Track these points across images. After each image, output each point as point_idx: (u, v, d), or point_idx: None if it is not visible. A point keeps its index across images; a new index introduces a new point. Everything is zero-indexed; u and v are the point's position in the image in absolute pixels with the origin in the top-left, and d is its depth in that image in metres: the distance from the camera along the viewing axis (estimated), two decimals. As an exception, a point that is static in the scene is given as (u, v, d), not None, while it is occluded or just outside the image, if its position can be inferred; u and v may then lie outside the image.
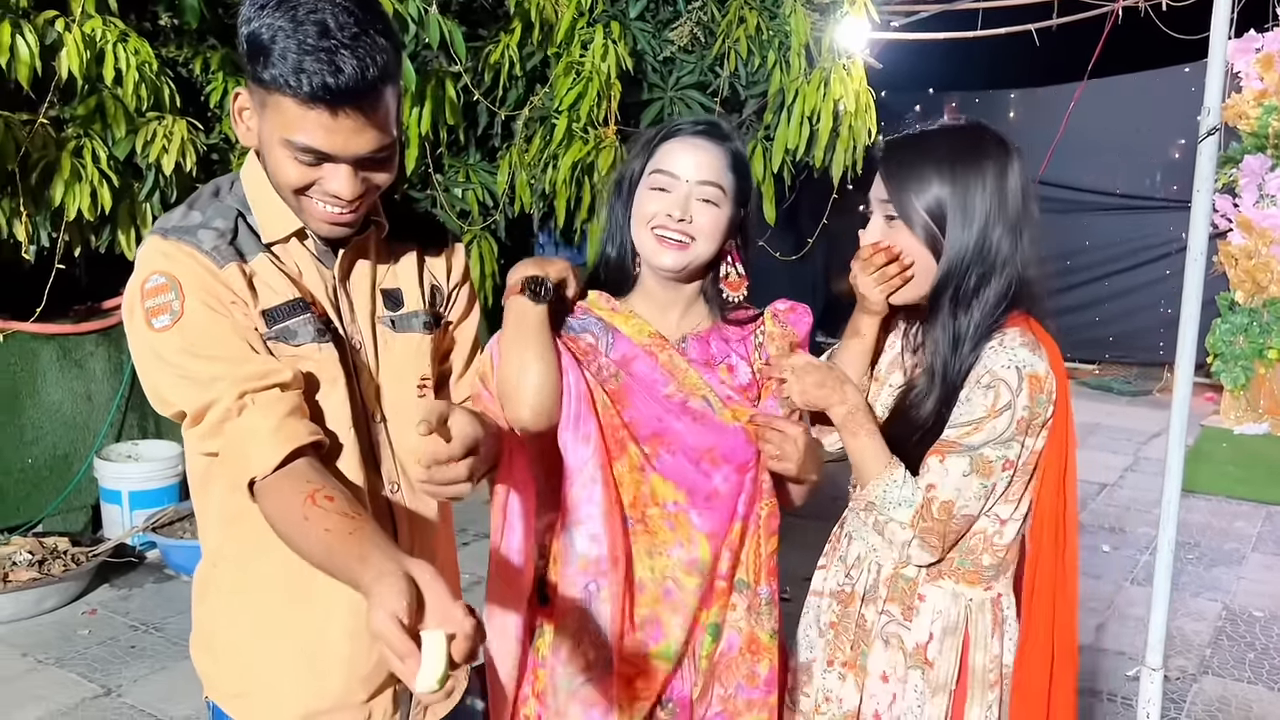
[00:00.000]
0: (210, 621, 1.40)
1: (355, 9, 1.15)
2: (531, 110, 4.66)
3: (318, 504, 1.09)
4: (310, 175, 1.19)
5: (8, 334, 3.86)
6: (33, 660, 3.25)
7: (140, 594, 3.77)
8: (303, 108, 1.14)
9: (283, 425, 1.15)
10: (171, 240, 1.21)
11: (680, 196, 1.49)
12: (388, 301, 1.35)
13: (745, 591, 1.54)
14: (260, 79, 1.14)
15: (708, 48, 4.91)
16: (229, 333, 1.19)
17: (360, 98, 1.14)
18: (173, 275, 1.19)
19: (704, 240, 1.51)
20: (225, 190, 1.30)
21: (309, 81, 1.11)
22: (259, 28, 1.13)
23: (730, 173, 1.53)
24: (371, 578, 0.97)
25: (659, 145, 1.54)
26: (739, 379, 1.57)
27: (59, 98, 3.52)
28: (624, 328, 1.55)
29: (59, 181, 3.46)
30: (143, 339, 1.20)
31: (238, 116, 1.24)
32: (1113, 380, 7.71)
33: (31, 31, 3.26)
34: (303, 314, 1.25)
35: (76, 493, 4.11)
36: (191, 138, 3.68)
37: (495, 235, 4.99)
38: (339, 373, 1.27)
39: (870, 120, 5.09)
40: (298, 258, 1.29)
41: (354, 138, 1.17)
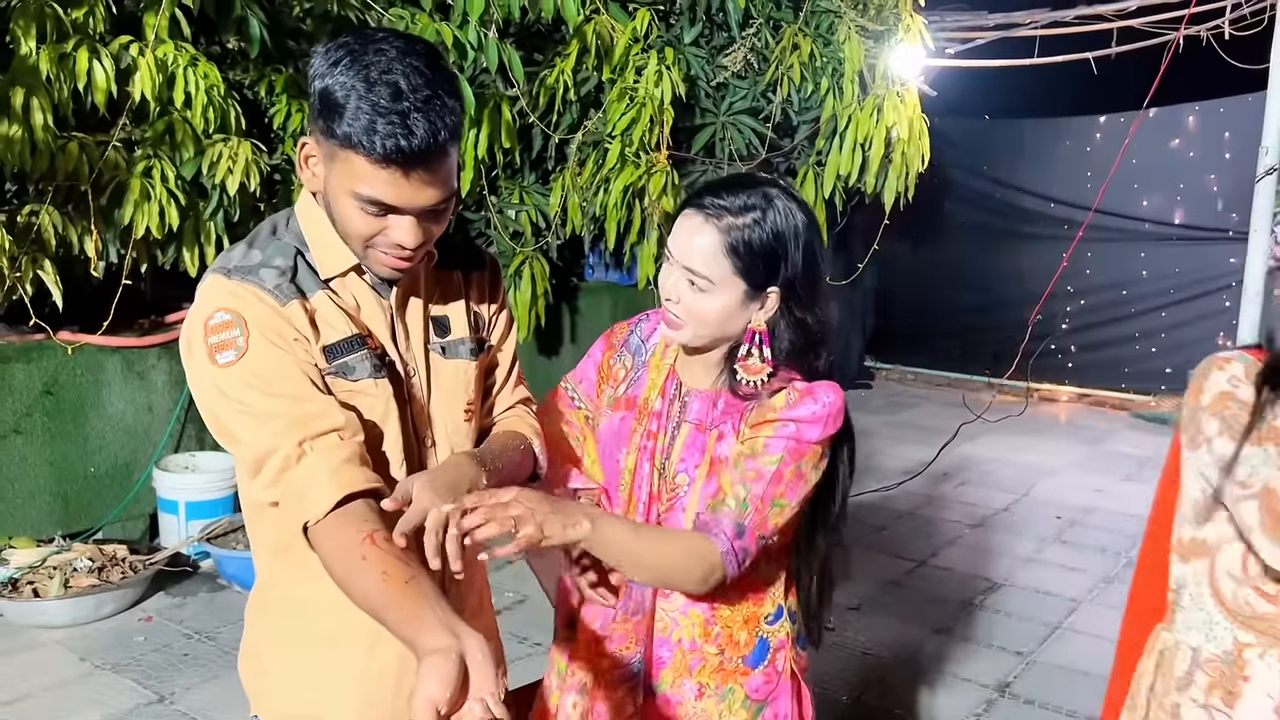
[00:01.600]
0: (261, 641, 1.44)
1: (426, 70, 1.19)
2: (585, 134, 4.72)
3: (376, 544, 1.12)
4: (376, 225, 1.24)
5: (76, 346, 3.98)
6: (90, 665, 3.34)
7: (194, 603, 3.85)
8: (374, 166, 1.18)
9: (340, 470, 1.18)
10: (235, 280, 1.25)
11: (673, 277, 1.46)
12: (437, 328, 1.40)
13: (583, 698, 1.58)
14: (332, 134, 1.18)
15: (761, 74, 4.94)
16: (292, 369, 1.22)
17: (429, 159, 1.19)
18: (238, 312, 1.22)
19: (694, 324, 1.45)
20: (282, 228, 1.34)
21: (382, 144, 1.16)
22: (332, 85, 1.18)
23: (728, 257, 1.41)
24: (425, 648, 1.00)
25: (682, 210, 1.48)
26: (722, 450, 1.49)
27: (131, 120, 3.65)
28: (650, 374, 1.60)
29: (129, 200, 3.58)
30: (205, 374, 1.23)
31: (303, 163, 1.28)
32: (1169, 413, 7.56)
33: (108, 56, 3.38)
34: (360, 350, 1.29)
35: (135, 502, 4.22)
36: (255, 159, 3.78)
37: (547, 256, 5.06)
38: (393, 407, 1.31)
39: (924, 147, 5.09)
40: (355, 291, 1.33)
41: (420, 193, 1.21)
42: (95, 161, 3.53)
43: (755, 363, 1.47)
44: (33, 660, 3.36)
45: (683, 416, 1.55)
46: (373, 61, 1.17)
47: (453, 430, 1.40)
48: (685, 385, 1.57)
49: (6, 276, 3.38)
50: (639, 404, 1.58)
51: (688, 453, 1.52)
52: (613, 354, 1.66)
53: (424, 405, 1.37)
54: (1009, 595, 4.20)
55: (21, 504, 3.91)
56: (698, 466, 1.50)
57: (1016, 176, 8.28)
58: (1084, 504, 5.44)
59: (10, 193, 3.92)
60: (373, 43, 1.20)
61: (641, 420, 1.56)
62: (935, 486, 5.63)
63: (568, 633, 1.62)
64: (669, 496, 1.52)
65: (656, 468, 1.54)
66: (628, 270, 6.41)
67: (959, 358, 8.54)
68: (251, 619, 1.45)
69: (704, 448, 1.51)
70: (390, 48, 1.19)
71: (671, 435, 1.54)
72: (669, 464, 1.53)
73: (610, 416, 1.61)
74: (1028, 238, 8.26)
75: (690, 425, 1.53)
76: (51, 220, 3.55)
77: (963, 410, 6.94)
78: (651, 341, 1.63)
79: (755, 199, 1.43)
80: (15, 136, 3.24)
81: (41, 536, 3.91)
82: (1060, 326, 7.96)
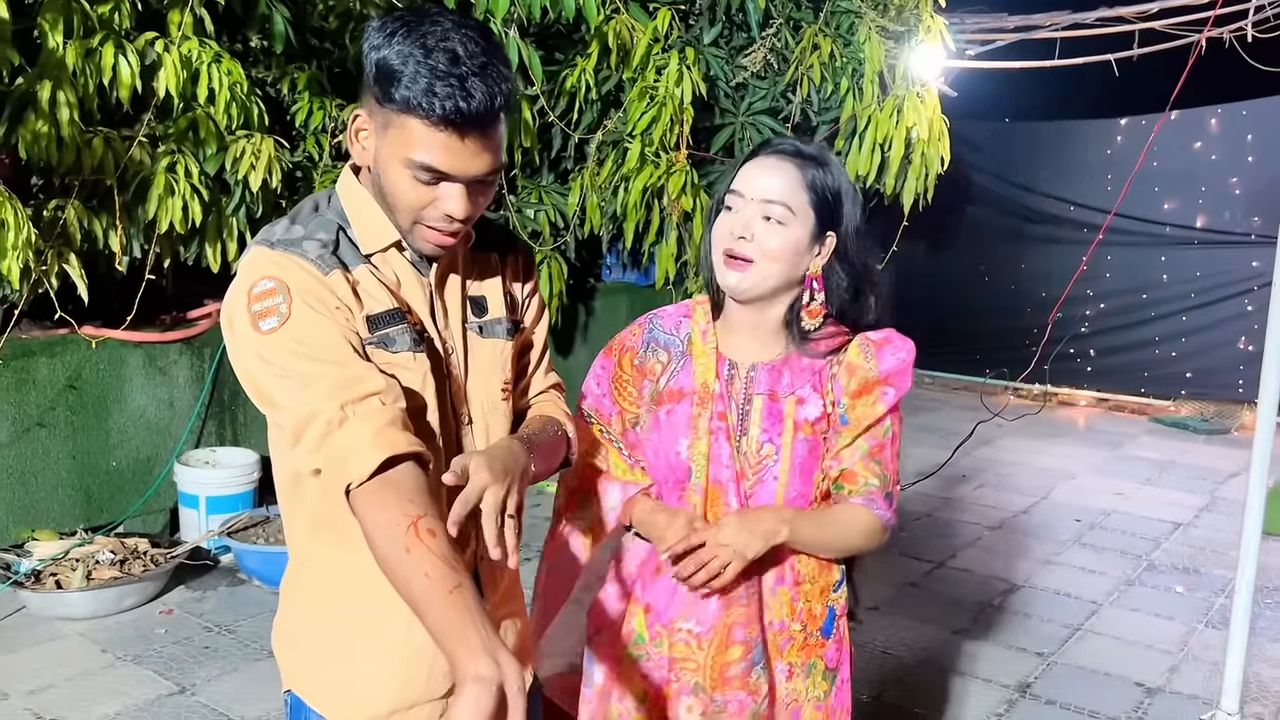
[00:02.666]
0: (296, 616, 1.44)
1: (481, 39, 1.22)
2: (605, 134, 4.73)
3: (420, 537, 1.11)
4: (427, 195, 1.25)
5: (99, 341, 4.01)
6: (112, 656, 3.36)
7: (214, 596, 3.87)
8: (431, 129, 1.20)
9: (383, 432, 1.18)
10: (278, 250, 1.27)
11: (745, 215, 1.50)
12: (474, 308, 1.41)
13: (701, 696, 1.57)
14: (390, 100, 1.20)
15: (781, 74, 4.95)
16: (334, 334, 1.23)
17: (485, 123, 1.21)
18: (281, 280, 1.24)
19: (766, 260, 1.50)
20: (324, 205, 1.35)
21: (441, 105, 1.18)
22: (389, 54, 1.20)
23: (806, 191, 1.50)
24: (466, 673, 1.00)
25: (741, 166, 1.55)
26: (807, 412, 1.56)
27: (156, 115, 3.68)
28: (696, 361, 1.60)
29: (153, 196, 3.61)
30: (247, 341, 1.24)
31: (354, 137, 1.29)
32: (1189, 418, 7.51)
33: (133, 52, 3.41)
34: (401, 323, 1.30)
35: (157, 496, 4.24)
36: (277, 155, 3.81)
37: (565, 255, 5.07)
38: (430, 381, 1.31)
39: (943, 148, 5.07)
40: (396, 267, 1.34)
41: (473, 160, 1.23)
42: (120, 157, 3.56)
43: (815, 306, 1.55)
44: (55, 651, 3.38)
45: (751, 390, 1.57)
46: (429, 31, 1.20)
47: (490, 409, 1.41)
48: (739, 363, 1.59)
49: (33, 271, 3.41)
50: (695, 390, 1.58)
51: (768, 423, 1.56)
52: (632, 355, 1.66)
53: (461, 383, 1.38)
54: (1029, 597, 4.18)
55: (44, 497, 3.94)
56: (781, 435, 1.55)
57: (1036, 179, 8.25)
58: (1103, 507, 5.40)
59: (37, 188, 3.96)
60: (427, 16, 1.23)
61: (705, 404, 1.57)
62: (953, 489, 5.61)
63: (644, 646, 1.61)
64: (755, 470, 1.56)
65: (734, 445, 1.56)
66: (645, 271, 6.41)
67: (977, 361, 8.49)
68: (286, 597, 1.45)
69: (782, 415, 1.56)
70: (445, 19, 1.22)
71: (742, 411, 1.57)
72: (747, 439, 1.56)
73: (656, 411, 1.61)
74: (1047, 241, 8.22)
75: (763, 397, 1.57)
76: (77, 215, 3.59)
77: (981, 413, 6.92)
78: (683, 332, 1.64)
79: (820, 151, 1.54)
80: (42, 131, 3.27)
81: (64, 529, 3.93)
82: (1080, 330, 7.91)
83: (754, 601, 1.57)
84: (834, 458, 1.58)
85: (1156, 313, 7.79)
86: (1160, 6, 6.00)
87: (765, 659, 1.58)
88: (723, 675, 1.55)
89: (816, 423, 1.56)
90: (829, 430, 1.57)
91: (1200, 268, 7.58)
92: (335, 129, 4.19)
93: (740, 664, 1.55)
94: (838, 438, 1.57)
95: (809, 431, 1.56)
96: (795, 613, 1.60)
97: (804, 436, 1.55)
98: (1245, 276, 7.35)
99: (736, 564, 1.48)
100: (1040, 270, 8.22)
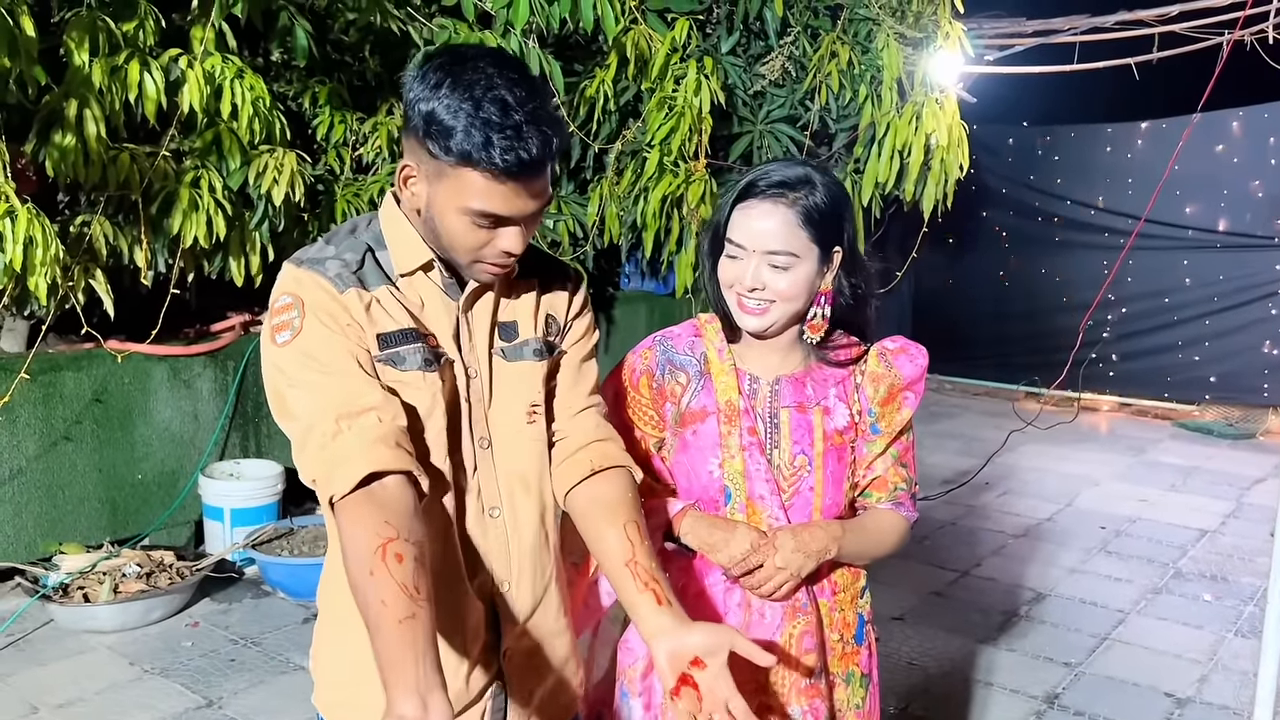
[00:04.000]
0: (320, 626, 1.46)
1: (524, 82, 1.23)
2: (624, 144, 4.73)
3: (386, 561, 1.12)
4: (485, 237, 1.28)
5: (124, 355, 4.04)
6: (139, 669, 3.38)
7: (240, 608, 3.89)
8: (491, 181, 1.22)
9: (372, 447, 1.20)
10: (302, 268, 1.31)
11: (750, 265, 1.50)
12: (503, 334, 1.41)
13: (769, 717, 1.55)
14: (445, 153, 1.21)
15: (799, 82, 4.94)
16: (340, 350, 1.26)
17: (542, 169, 1.23)
18: (297, 295, 1.28)
19: (783, 302, 1.52)
20: (362, 228, 1.38)
21: (502, 158, 1.19)
22: (438, 107, 1.21)
23: (805, 229, 1.49)
24: (389, 710, 1.05)
25: (733, 210, 1.53)
26: (835, 422, 1.58)
27: (180, 131, 3.70)
28: (716, 380, 1.59)
29: (177, 210, 3.63)
30: (266, 353, 1.30)
31: (402, 184, 1.31)
32: (1213, 423, 7.44)
33: (158, 69, 3.43)
34: (414, 343, 1.31)
35: (182, 508, 4.27)
36: (300, 169, 3.83)
37: (584, 265, 5.07)
38: (439, 402, 1.32)
39: (963, 154, 5.05)
40: (423, 290, 1.36)
41: (530, 202, 1.26)
42: (145, 172, 3.58)
43: (817, 321, 1.57)
44: (83, 664, 3.40)
45: (777, 404, 1.58)
46: (475, 80, 1.21)
47: (514, 434, 1.40)
48: (761, 377, 1.60)
49: (60, 286, 3.44)
50: (720, 408, 1.57)
51: (798, 435, 1.57)
52: (649, 377, 1.64)
53: (484, 407, 1.38)
54: (1055, 606, 4.15)
55: (71, 510, 3.97)
56: (813, 445, 1.57)
57: (1056, 184, 8.21)
58: (1129, 514, 5.36)
59: (63, 204, 4.00)
60: (467, 61, 1.23)
61: (734, 422, 1.57)
62: (977, 496, 5.57)
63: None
64: (791, 482, 1.57)
65: (768, 459, 1.57)
66: (664, 280, 6.42)
67: (998, 366, 8.46)
68: (319, 612, 1.46)
69: (811, 426, 1.57)
70: (485, 63, 1.23)
71: (770, 425, 1.58)
72: (778, 452, 1.57)
73: (681, 433, 1.60)
74: (1068, 245, 8.17)
75: (790, 409, 1.58)
76: (103, 230, 3.61)
77: (1002, 419, 6.88)
78: (698, 351, 1.63)
79: (804, 172, 1.52)
80: (69, 147, 3.29)
81: (90, 542, 3.96)
82: (1102, 335, 7.86)
83: (814, 609, 1.58)
84: (868, 467, 1.62)
85: (1179, 317, 7.73)
86: (1180, 9, 5.95)
87: (825, 667, 1.60)
88: (795, 688, 1.56)
89: (845, 432, 1.59)
90: (857, 439, 1.60)
91: (1223, 271, 7.52)
92: (356, 142, 4.21)
93: (814, 672, 1.57)
94: (869, 445, 1.61)
95: (838, 441, 1.58)
96: (833, 623, 1.62)
97: (834, 446, 1.58)
98: (1269, 280, 7.29)
99: (791, 584, 1.52)
100: (1061, 275, 8.18)
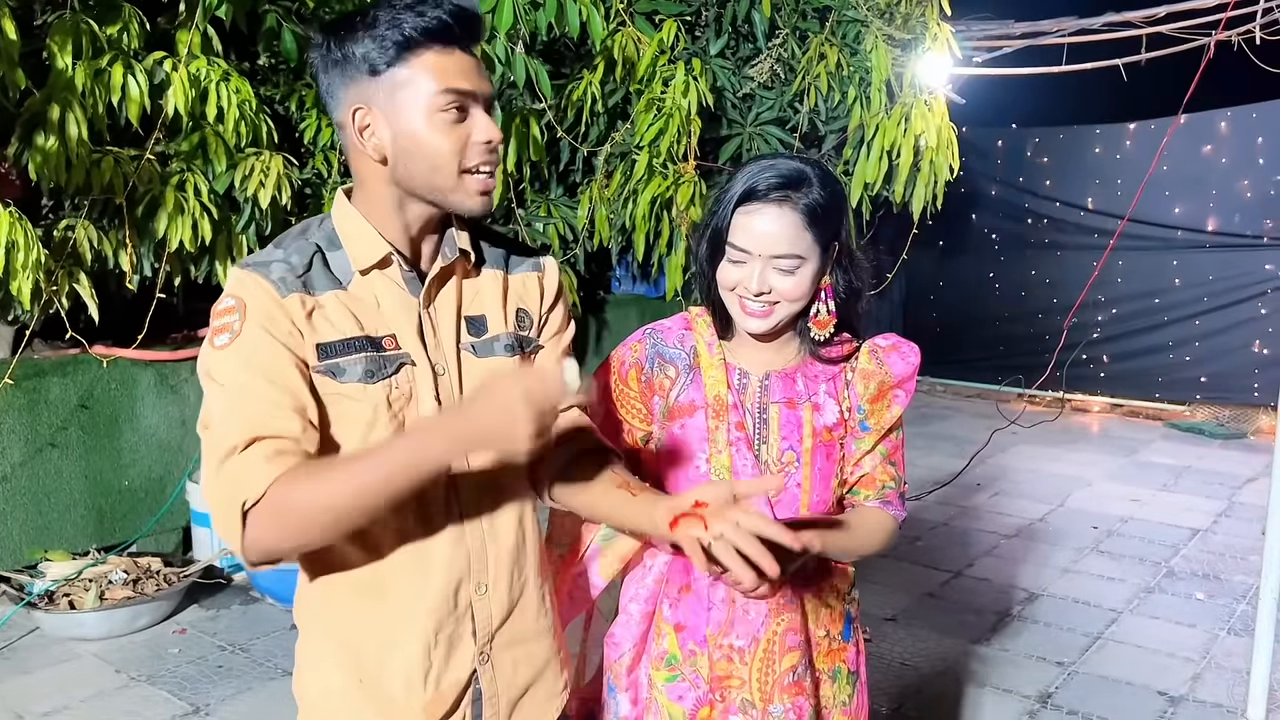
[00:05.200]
0: (303, 656, 1.42)
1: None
2: (613, 146, 4.72)
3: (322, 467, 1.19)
4: (462, 133, 1.27)
5: (110, 360, 4.01)
6: (126, 677, 3.35)
7: (228, 615, 3.86)
8: (443, 55, 1.25)
9: (278, 459, 1.18)
10: (246, 270, 1.27)
11: (756, 270, 1.48)
12: (471, 328, 1.37)
13: (751, 712, 1.54)
14: (393, 51, 1.24)
15: (787, 84, 4.94)
16: (276, 360, 1.22)
17: (478, 30, 1.28)
18: (241, 299, 1.24)
19: (787, 303, 1.51)
20: (314, 229, 1.34)
21: (435, 17, 1.23)
22: (363, 33, 1.25)
23: (809, 230, 1.47)
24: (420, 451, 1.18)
25: (734, 213, 1.49)
26: (824, 418, 1.57)
27: (165, 134, 3.68)
28: (705, 374, 1.58)
29: (163, 214, 3.61)
30: (203, 358, 1.25)
31: (359, 135, 1.28)
32: (1204, 423, 7.45)
33: (142, 72, 3.42)
34: (359, 352, 1.27)
35: (169, 515, 4.24)
36: (287, 172, 3.81)
37: (574, 268, 5.06)
38: (382, 414, 1.28)
39: (952, 156, 5.05)
40: (379, 289, 1.31)
41: (481, 79, 1.29)
42: (130, 176, 3.57)
43: (823, 317, 1.55)
44: (70, 672, 3.37)
45: (766, 399, 1.56)
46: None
47: None
48: (751, 371, 1.58)
49: (44, 290, 3.41)
50: (708, 403, 1.56)
51: (786, 430, 1.55)
52: (638, 370, 1.62)
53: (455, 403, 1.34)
54: (1048, 606, 4.14)
55: (57, 517, 3.94)
56: (801, 441, 1.55)
57: (1045, 185, 8.22)
58: (1121, 514, 5.36)
59: (47, 207, 3.97)
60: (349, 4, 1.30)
61: (721, 416, 1.55)
62: (969, 497, 5.57)
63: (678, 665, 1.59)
64: (779, 478, 1.55)
65: (755, 454, 1.55)
66: (655, 282, 6.41)
67: (989, 368, 8.46)
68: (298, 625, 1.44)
69: (800, 422, 1.55)
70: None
71: (759, 420, 1.56)
72: (767, 447, 1.55)
73: (669, 427, 1.59)
74: (1057, 247, 8.19)
75: (779, 405, 1.56)
76: (87, 234, 3.59)
77: (994, 421, 6.88)
78: (688, 345, 1.61)
79: (800, 169, 1.50)
80: (52, 150, 3.27)
81: (77, 549, 3.93)
82: (1092, 336, 7.87)
83: (799, 605, 1.57)
84: (855, 464, 1.60)
85: (1169, 317, 7.74)
86: (1167, 10, 5.97)
87: (810, 663, 1.58)
88: (778, 685, 1.54)
89: (834, 429, 1.57)
90: (846, 436, 1.59)
91: (1212, 271, 7.53)
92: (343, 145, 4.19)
93: (796, 670, 1.55)
94: (858, 443, 1.59)
95: (827, 437, 1.56)
96: (820, 619, 1.60)
97: (822, 442, 1.56)
98: (1258, 280, 7.31)
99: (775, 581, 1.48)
100: (1051, 276, 8.19)
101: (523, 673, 1.43)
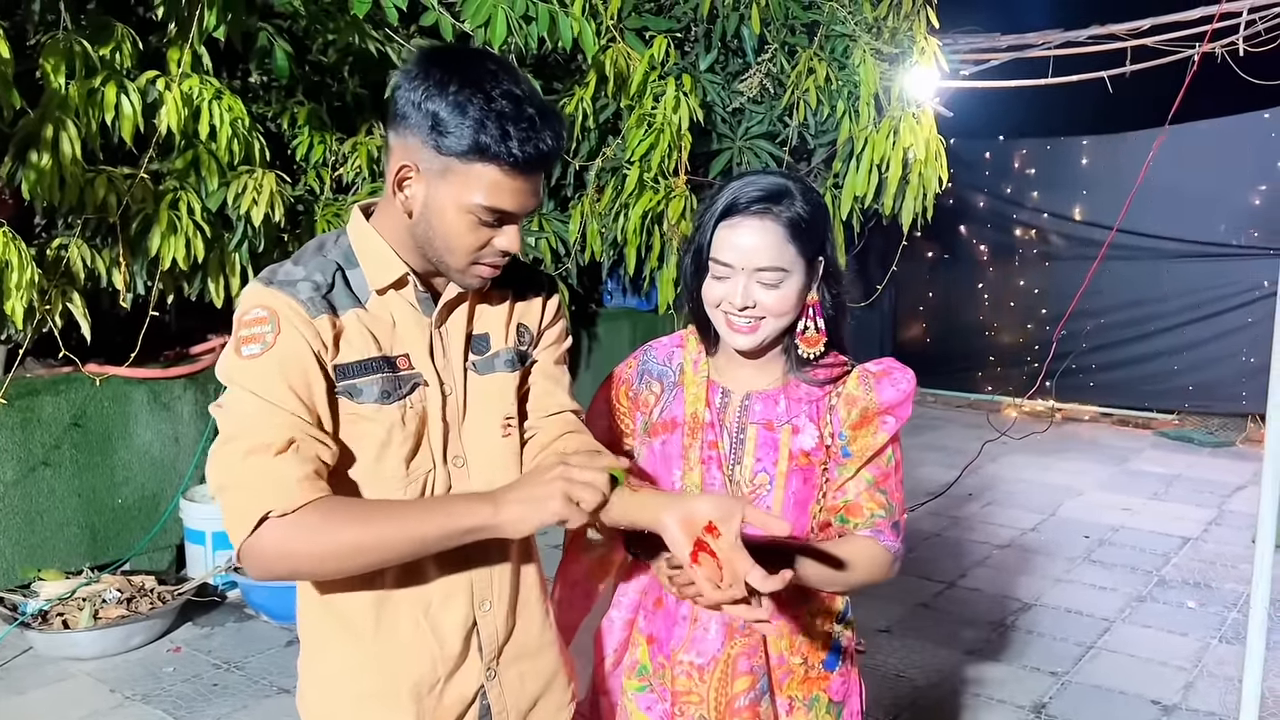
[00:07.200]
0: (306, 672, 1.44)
1: (526, 79, 1.24)
2: (604, 161, 4.75)
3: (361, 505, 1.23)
4: (485, 236, 1.27)
5: (103, 378, 4.01)
6: (120, 696, 3.34)
7: (222, 633, 3.85)
8: (504, 176, 1.21)
9: (309, 479, 1.20)
10: (274, 288, 1.27)
11: (739, 284, 1.47)
12: (475, 346, 1.39)
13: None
14: (457, 148, 1.20)
15: (777, 98, 4.97)
16: (309, 380, 1.24)
17: (554, 163, 1.25)
18: (273, 310, 1.24)
19: (773, 318, 1.49)
20: (330, 245, 1.34)
21: (520, 149, 1.19)
22: (447, 103, 1.19)
23: (792, 243, 1.46)
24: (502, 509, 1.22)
25: (716, 227, 1.49)
26: (802, 442, 1.53)
27: (158, 152, 3.69)
28: (687, 390, 1.58)
29: (156, 232, 3.62)
30: (228, 364, 1.25)
31: (397, 186, 1.27)
32: (1193, 431, 7.49)
33: (135, 91, 3.43)
34: (376, 373, 1.29)
35: (163, 533, 4.23)
36: (279, 190, 3.82)
37: (566, 282, 5.07)
38: (396, 435, 1.30)
39: (941, 168, 5.09)
40: (394, 307, 1.33)
41: (534, 198, 1.26)
42: (123, 194, 3.57)
43: (812, 334, 1.53)
44: (64, 692, 3.36)
45: (745, 419, 1.55)
46: (482, 75, 1.20)
47: (489, 449, 1.39)
48: (733, 390, 1.58)
49: (36, 309, 3.41)
50: (685, 420, 1.56)
51: (762, 452, 1.53)
52: (627, 387, 1.65)
53: (459, 426, 1.37)
54: (1041, 615, 4.15)
55: (50, 536, 3.93)
56: (776, 464, 1.52)
57: (1033, 196, 8.28)
58: (1112, 523, 5.38)
59: (40, 226, 3.97)
60: (469, 57, 1.24)
61: (696, 434, 1.55)
62: (961, 508, 5.59)
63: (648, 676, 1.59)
64: (749, 499, 1.52)
65: (726, 474, 1.54)
66: (646, 296, 6.43)
67: (979, 379, 8.50)
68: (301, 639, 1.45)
69: (778, 444, 1.53)
70: (488, 61, 1.24)
71: (736, 440, 1.55)
72: (740, 468, 1.54)
73: (650, 443, 1.60)
74: (1046, 257, 8.24)
75: (757, 426, 1.54)
76: (80, 253, 3.59)
77: (985, 431, 6.91)
78: (675, 362, 1.63)
79: (782, 183, 1.49)
80: (46, 170, 3.28)
81: (70, 568, 3.92)
82: (1081, 346, 7.91)
83: (756, 631, 1.53)
84: (838, 490, 1.55)
85: (1157, 326, 7.79)
86: (1152, 23, 6.04)
87: (770, 690, 1.56)
88: (730, 707, 1.53)
89: (812, 453, 1.53)
90: (828, 461, 1.54)
91: (1200, 281, 7.59)
92: (336, 162, 4.20)
93: (749, 694, 1.53)
94: (840, 469, 1.54)
95: (804, 461, 1.53)
96: (795, 646, 1.57)
97: (799, 466, 1.53)
98: (1246, 289, 7.35)
99: None
100: (1040, 287, 8.24)
101: (530, 686, 1.45)
